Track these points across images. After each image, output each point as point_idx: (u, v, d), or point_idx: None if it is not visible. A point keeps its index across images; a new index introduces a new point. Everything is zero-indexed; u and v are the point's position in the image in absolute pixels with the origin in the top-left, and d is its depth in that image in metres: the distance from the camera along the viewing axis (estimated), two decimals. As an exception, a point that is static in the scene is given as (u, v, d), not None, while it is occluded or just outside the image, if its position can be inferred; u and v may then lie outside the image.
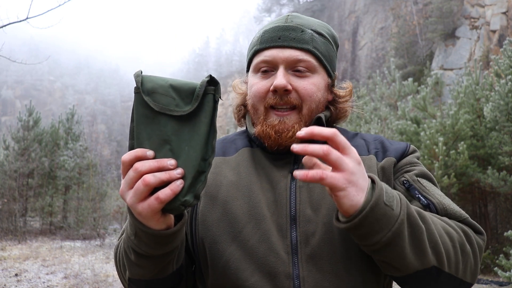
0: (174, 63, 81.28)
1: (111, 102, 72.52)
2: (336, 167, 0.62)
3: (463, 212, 0.84)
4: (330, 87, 0.97)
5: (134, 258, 0.73)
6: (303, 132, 0.62)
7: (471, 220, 0.83)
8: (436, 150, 8.25)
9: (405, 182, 0.88)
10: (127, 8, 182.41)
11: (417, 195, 0.85)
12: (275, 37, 0.90)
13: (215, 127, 0.64)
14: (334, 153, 0.61)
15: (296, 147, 0.61)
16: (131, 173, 0.62)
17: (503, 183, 7.62)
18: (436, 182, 0.91)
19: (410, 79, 11.82)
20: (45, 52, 68.77)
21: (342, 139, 0.63)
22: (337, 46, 1.00)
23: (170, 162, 0.61)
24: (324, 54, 0.92)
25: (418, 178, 0.88)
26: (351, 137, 0.99)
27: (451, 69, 23.90)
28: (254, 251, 0.81)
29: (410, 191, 0.86)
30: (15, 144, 14.81)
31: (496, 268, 6.14)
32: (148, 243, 0.69)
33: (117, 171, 24.48)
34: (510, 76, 7.32)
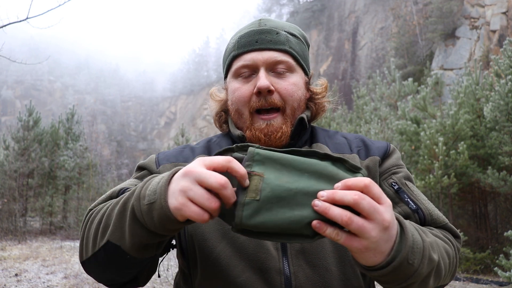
0: (174, 63, 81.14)
1: (111, 102, 72.44)
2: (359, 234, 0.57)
3: (444, 217, 0.89)
4: (307, 85, 1.00)
5: (130, 221, 0.67)
6: (324, 196, 0.56)
7: (451, 225, 0.89)
8: (436, 150, 8.25)
9: (393, 184, 0.91)
10: (127, 8, 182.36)
11: (406, 199, 0.88)
12: (252, 41, 0.93)
13: None
14: (356, 222, 0.56)
15: (316, 208, 0.56)
16: (214, 181, 0.57)
17: (503, 183, 7.62)
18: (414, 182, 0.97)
19: (410, 79, 11.82)
20: (45, 52, 68.71)
21: (375, 190, 0.58)
22: (308, 46, 1.04)
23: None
24: (299, 53, 0.96)
25: (406, 182, 0.92)
26: (332, 135, 1.02)
27: (451, 69, 23.90)
28: (244, 248, 0.82)
29: (399, 194, 0.89)
30: (15, 144, 14.81)
31: (496, 268, 6.14)
32: (156, 220, 0.64)
33: (117, 171, 24.47)
34: (510, 76, 7.32)
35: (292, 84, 0.93)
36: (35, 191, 15.03)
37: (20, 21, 5.71)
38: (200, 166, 0.59)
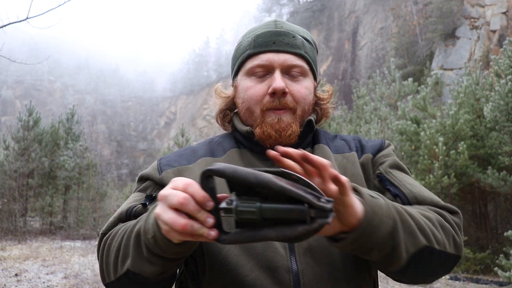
0: (174, 63, 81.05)
1: (111, 102, 72.35)
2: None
3: (435, 196, 0.89)
4: (315, 90, 1.02)
5: (147, 253, 0.72)
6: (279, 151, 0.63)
7: (444, 203, 0.88)
8: (436, 150, 8.25)
9: (379, 174, 0.94)
10: (127, 8, 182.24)
11: (387, 186, 0.91)
12: (270, 42, 0.94)
13: None
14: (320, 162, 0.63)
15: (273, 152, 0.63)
16: (175, 200, 0.59)
17: (503, 183, 7.62)
18: (408, 171, 0.97)
19: (410, 79, 11.83)
20: (45, 52, 68.61)
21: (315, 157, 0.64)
22: (317, 51, 1.06)
23: (210, 221, 0.59)
24: (312, 59, 0.99)
25: (389, 170, 0.94)
26: (332, 138, 1.05)
27: (451, 69, 23.89)
28: (252, 247, 0.83)
29: (382, 183, 0.92)
30: (15, 144, 14.81)
31: (496, 268, 6.14)
32: (164, 249, 0.68)
33: (117, 171, 24.47)
34: (510, 76, 7.32)
35: (305, 88, 0.95)
36: (35, 191, 15.03)
37: (20, 21, 5.72)
38: (168, 188, 0.62)
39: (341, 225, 0.67)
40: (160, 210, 0.62)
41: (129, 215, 0.88)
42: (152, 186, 0.95)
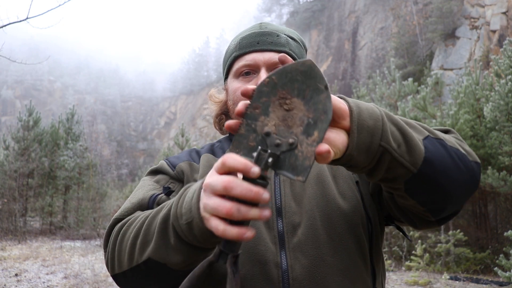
0: (174, 63, 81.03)
1: (111, 102, 72.34)
2: None
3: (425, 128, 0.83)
4: None
5: (175, 240, 0.68)
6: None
7: (435, 128, 0.83)
8: (436, 150, 8.24)
9: None
10: (126, 8, 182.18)
11: None
12: (254, 42, 0.97)
13: None
14: None
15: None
16: (219, 185, 0.54)
17: (503, 183, 7.62)
18: None
19: (410, 79, 11.82)
20: (45, 52, 68.64)
21: None
22: (306, 51, 1.07)
23: (265, 196, 0.53)
24: (299, 56, 1.00)
25: None
26: None
27: (451, 69, 23.89)
28: (243, 242, 0.82)
29: None
30: (15, 144, 14.82)
31: (496, 268, 6.14)
32: (199, 237, 0.65)
33: (117, 171, 24.46)
34: (510, 76, 7.32)
35: None
36: (35, 191, 15.03)
37: (20, 21, 5.71)
38: (211, 174, 0.58)
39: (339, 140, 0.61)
40: (205, 199, 0.57)
41: (153, 202, 0.87)
42: (165, 179, 0.97)
